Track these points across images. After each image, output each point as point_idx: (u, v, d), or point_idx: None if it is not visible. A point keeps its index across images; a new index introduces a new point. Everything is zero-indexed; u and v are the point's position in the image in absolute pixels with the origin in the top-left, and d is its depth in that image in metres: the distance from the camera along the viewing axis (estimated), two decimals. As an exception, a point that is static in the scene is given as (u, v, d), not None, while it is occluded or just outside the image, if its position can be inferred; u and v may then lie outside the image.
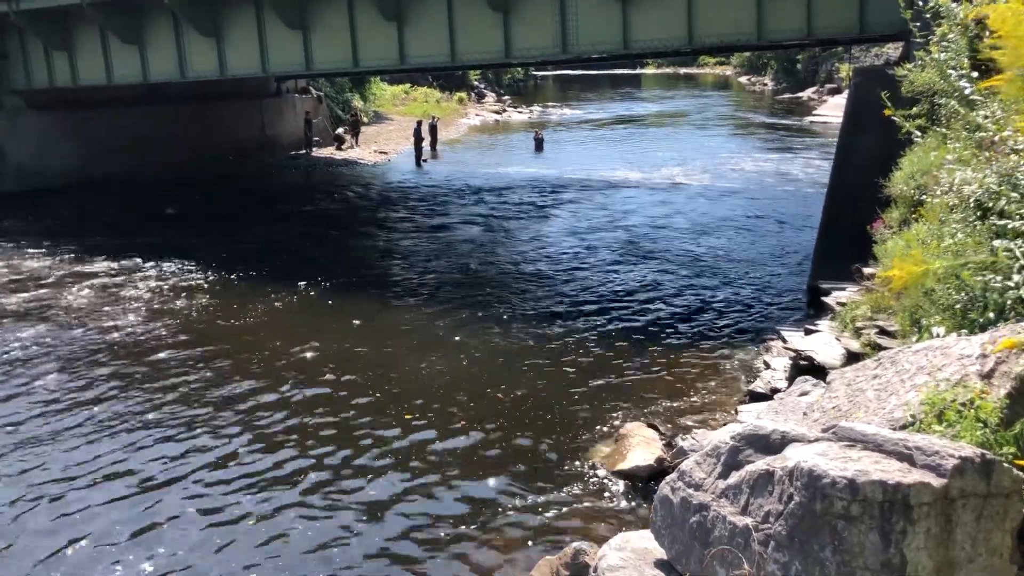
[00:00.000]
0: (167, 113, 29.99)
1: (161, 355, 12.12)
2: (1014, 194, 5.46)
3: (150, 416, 10.03)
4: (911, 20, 9.15)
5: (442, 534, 7.38)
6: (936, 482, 3.37)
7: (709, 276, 15.70)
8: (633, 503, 7.68)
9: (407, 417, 9.75)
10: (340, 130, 37.69)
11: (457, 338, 12.55)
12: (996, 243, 5.16)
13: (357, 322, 13.47)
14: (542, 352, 11.83)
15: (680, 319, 13.23)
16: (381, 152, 35.95)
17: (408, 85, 53.10)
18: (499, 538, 7.28)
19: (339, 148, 36.26)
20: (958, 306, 5.33)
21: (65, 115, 27.99)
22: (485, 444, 9.05)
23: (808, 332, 9.67)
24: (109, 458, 8.95)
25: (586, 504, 7.74)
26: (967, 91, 7.16)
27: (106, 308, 14.60)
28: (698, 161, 30.65)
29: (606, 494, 7.87)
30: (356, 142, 36.96)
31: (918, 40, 9.02)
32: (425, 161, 33.21)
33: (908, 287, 5.11)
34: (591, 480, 8.13)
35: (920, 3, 9.04)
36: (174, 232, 20.84)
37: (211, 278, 16.33)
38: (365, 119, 40.55)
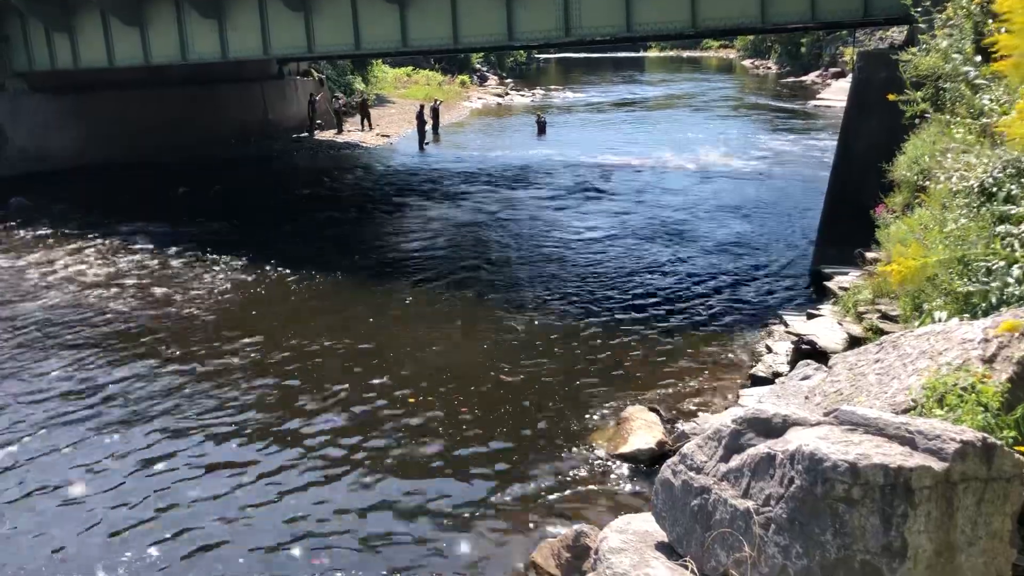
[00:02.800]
0: (170, 96, 29.93)
1: (162, 336, 12.15)
2: (1014, 184, 5.45)
3: (153, 400, 10.07)
4: (912, 5, 9.12)
5: (443, 516, 7.41)
6: (937, 466, 3.38)
7: (711, 260, 15.69)
8: (634, 486, 7.71)
9: (411, 400, 9.78)
10: (337, 100, 37.46)
11: (459, 321, 12.58)
12: (999, 228, 5.15)
13: (360, 304, 13.50)
14: (543, 335, 11.85)
15: (682, 302, 13.23)
16: (383, 135, 35.87)
17: (410, 68, 52.92)
18: (500, 520, 7.32)
19: (340, 131, 36.19)
20: (960, 290, 5.33)
21: (68, 98, 27.94)
22: (487, 426, 9.08)
23: (810, 316, 9.69)
24: (110, 441, 9.02)
25: (587, 487, 7.77)
26: (971, 75, 7.15)
27: (110, 290, 14.62)
28: (701, 145, 30.57)
29: (607, 477, 7.90)
30: (369, 124, 36.85)
31: (921, 25, 8.99)
32: (427, 144, 33.15)
33: (907, 280, 5.13)
34: (592, 463, 8.16)
35: None
36: (179, 215, 20.82)
37: (215, 260, 16.34)
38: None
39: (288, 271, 15.40)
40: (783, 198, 21.15)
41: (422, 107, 34.66)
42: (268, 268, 15.64)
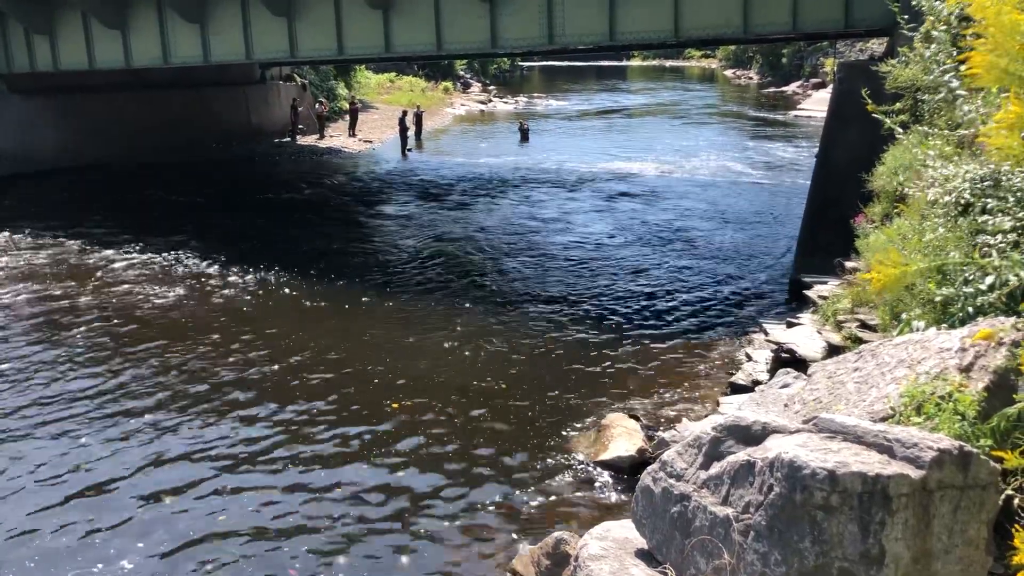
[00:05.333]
0: (153, 99, 29.80)
1: (143, 343, 12.05)
2: (991, 196, 5.51)
3: (133, 404, 9.98)
4: (899, 13, 9.19)
5: (424, 523, 7.39)
6: (915, 474, 3.40)
7: (692, 267, 15.75)
8: (615, 493, 7.71)
9: (394, 406, 9.75)
10: (321, 105, 37.42)
11: (440, 328, 12.55)
12: (979, 239, 5.20)
13: (342, 310, 13.45)
14: (525, 343, 11.85)
15: (662, 311, 13.27)
16: (366, 141, 35.81)
17: (393, 74, 52.85)
18: (481, 527, 7.30)
19: (322, 136, 36.11)
20: (938, 299, 5.37)
21: (51, 100, 27.75)
22: (468, 434, 9.06)
23: (790, 325, 9.73)
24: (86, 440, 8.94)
25: (568, 494, 7.76)
26: (952, 86, 7.22)
27: (84, 292, 14.50)
28: (682, 153, 30.72)
29: (588, 484, 7.90)
30: (353, 132, 36.79)
31: (906, 33, 9.06)
32: (410, 151, 33.12)
33: (886, 289, 5.17)
34: (573, 470, 8.16)
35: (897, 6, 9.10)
36: (159, 217, 20.69)
37: (194, 264, 16.25)
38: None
39: (270, 277, 15.32)
40: (764, 207, 21.27)
41: (405, 113, 34.63)
42: (249, 272, 15.56)
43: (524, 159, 30.62)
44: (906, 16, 9.14)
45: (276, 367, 11.02)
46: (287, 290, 14.63)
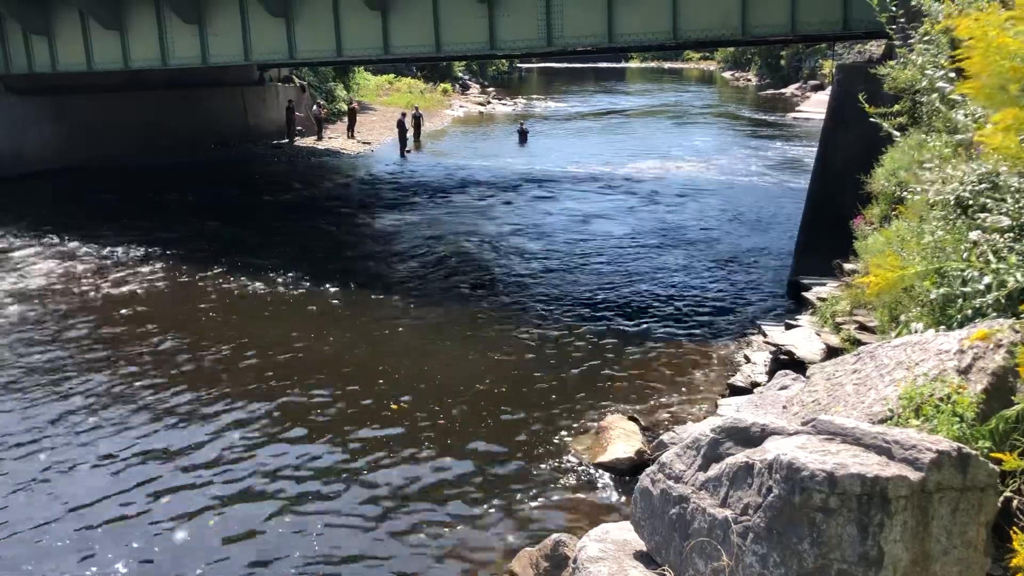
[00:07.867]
0: (151, 100, 29.81)
1: (142, 343, 12.05)
2: (989, 197, 5.51)
3: (128, 411, 9.98)
4: (887, 24, 9.22)
5: (422, 526, 7.38)
6: (913, 475, 3.40)
7: (691, 269, 15.76)
8: (613, 495, 7.71)
9: (394, 407, 9.74)
10: (319, 107, 37.50)
11: (439, 330, 12.55)
12: (972, 235, 5.20)
13: (342, 312, 13.45)
14: (524, 345, 11.85)
15: (661, 312, 13.27)
16: (364, 142, 35.83)
17: (392, 75, 52.88)
18: (479, 529, 7.29)
19: (320, 138, 36.14)
20: (935, 298, 5.37)
21: (47, 100, 27.74)
22: (466, 436, 9.06)
23: (788, 327, 9.74)
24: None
25: (566, 496, 7.76)
26: (947, 91, 7.22)
27: (84, 292, 14.49)
28: (681, 155, 30.74)
29: (586, 486, 7.90)
30: (352, 133, 36.86)
31: (896, 41, 9.09)
32: (409, 152, 33.12)
33: (883, 292, 5.16)
34: (571, 472, 8.16)
35: (893, 8, 9.11)
36: (159, 219, 20.67)
37: (192, 268, 16.24)
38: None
39: (269, 278, 15.31)
40: (762, 208, 21.28)
41: (403, 115, 34.65)
42: (249, 273, 15.55)
43: (523, 161, 30.63)
44: (893, 27, 9.16)
45: (274, 367, 11.02)
46: (287, 292, 14.62)
